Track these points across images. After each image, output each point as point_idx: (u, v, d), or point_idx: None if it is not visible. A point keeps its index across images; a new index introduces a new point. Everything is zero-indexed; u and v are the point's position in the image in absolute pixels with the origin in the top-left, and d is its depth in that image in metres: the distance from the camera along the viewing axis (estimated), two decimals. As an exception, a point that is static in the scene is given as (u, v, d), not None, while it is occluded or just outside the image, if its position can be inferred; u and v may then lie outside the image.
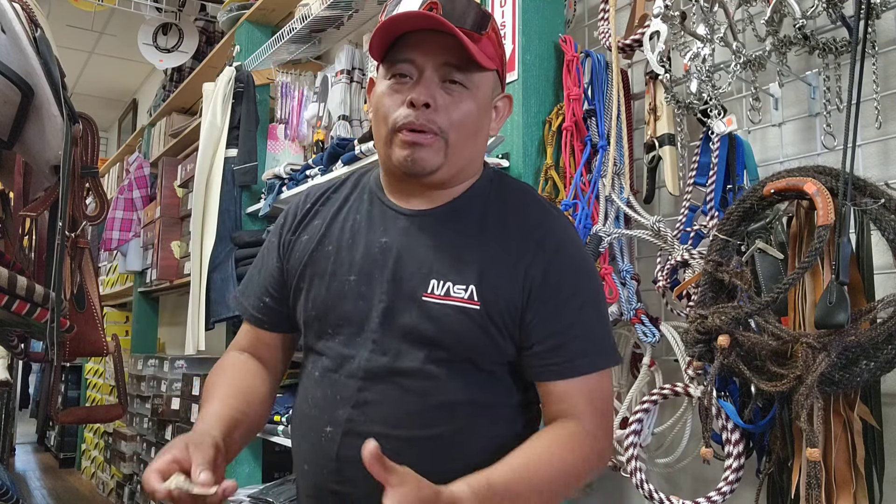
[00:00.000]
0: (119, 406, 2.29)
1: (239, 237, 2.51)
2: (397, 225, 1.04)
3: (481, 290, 0.97)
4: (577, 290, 0.99)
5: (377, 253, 1.03)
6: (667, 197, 1.59)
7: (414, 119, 0.96)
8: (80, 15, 4.72)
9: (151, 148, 4.20)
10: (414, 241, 1.02)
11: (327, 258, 1.06)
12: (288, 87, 2.64)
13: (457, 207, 1.04)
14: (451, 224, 1.02)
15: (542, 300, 0.98)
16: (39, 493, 4.73)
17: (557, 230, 1.02)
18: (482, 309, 0.97)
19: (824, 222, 1.06)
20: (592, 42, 1.80)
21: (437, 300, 0.97)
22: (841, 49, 1.24)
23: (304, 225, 1.12)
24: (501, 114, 1.08)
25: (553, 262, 0.99)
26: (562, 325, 0.98)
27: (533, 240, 1.00)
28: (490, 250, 1.00)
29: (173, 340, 4.39)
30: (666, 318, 1.51)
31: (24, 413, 7.50)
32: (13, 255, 1.61)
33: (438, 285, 0.98)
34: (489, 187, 1.07)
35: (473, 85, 0.99)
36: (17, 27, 1.39)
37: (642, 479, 1.38)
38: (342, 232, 1.07)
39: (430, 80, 0.97)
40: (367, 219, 1.07)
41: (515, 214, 1.03)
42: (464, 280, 0.97)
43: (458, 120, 0.97)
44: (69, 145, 1.47)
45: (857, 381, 1.04)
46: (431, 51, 0.97)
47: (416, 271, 0.99)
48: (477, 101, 0.99)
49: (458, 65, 0.97)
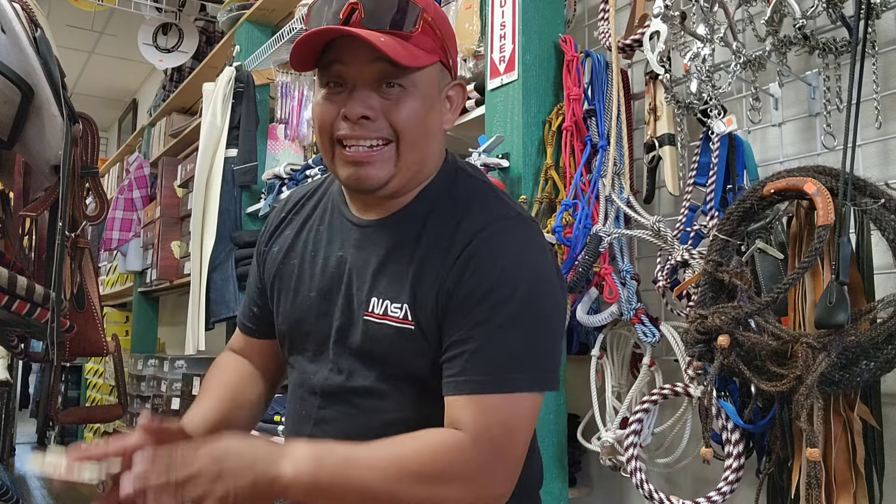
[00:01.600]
0: (119, 406, 2.29)
1: (239, 237, 2.51)
2: (351, 237, 1.00)
3: (415, 309, 0.92)
4: (486, 304, 0.89)
5: (334, 268, 1.00)
6: (667, 197, 1.59)
7: (350, 132, 0.91)
8: (80, 15, 4.72)
9: (151, 148, 4.20)
10: (362, 253, 0.98)
11: (291, 272, 1.05)
12: (288, 87, 2.64)
13: (402, 217, 0.98)
14: (395, 234, 0.97)
15: (450, 311, 0.91)
16: (39, 493, 4.73)
17: (487, 242, 0.92)
18: (416, 329, 0.92)
19: (824, 222, 1.06)
20: (592, 42, 1.80)
21: (376, 319, 0.95)
22: (841, 49, 1.23)
23: (277, 235, 1.10)
24: (455, 104, 1.00)
25: (467, 274, 0.90)
26: (458, 337, 0.90)
27: (457, 248, 0.92)
28: (422, 266, 0.94)
29: (173, 340, 4.39)
30: (666, 318, 1.51)
31: (24, 413, 7.50)
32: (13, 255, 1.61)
33: (378, 303, 0.95)
34: (440, 190, 0.99)
35: (412, 83, 0.91)
36: (17, 27, 1.39)
37: (642, 479, 1.38)
38: (305, 245, 1.05)
39: (363, 88, 0.90)
40: (328, 230, 1.04)
41: (454, 222, 0.95)
42: (399, 299, 0.93)
43: (401, 122, 0.91)
44: (69, 145, 1.47)
45: (857, 381, 1.04)
46: (360, 57, 0.90)
47: (363, 287, 0.97)
48: (420, 99, 0.92)
49: (390, 70, 0.90)
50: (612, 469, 1.50)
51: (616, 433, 1.47)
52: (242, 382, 1.12)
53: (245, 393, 1.11)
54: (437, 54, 0.94)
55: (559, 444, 1.54)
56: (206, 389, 1.10)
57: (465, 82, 1.06)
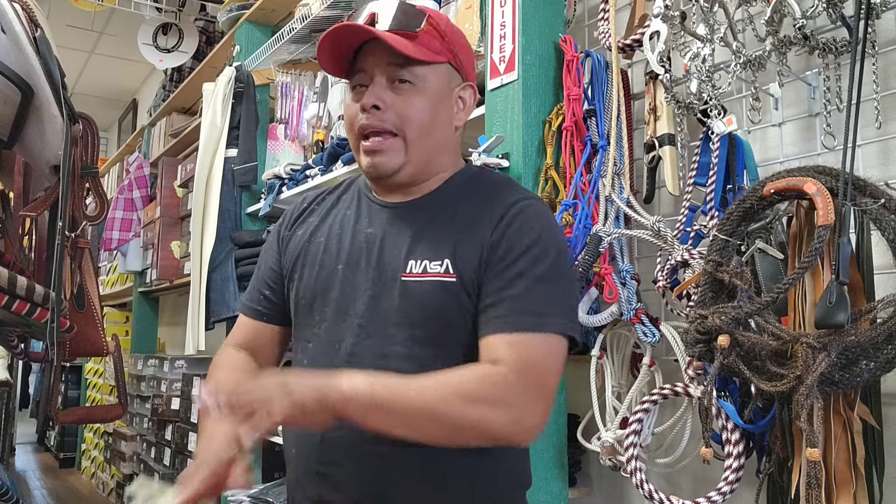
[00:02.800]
0: (119, 406, 2.29)
1: (239, 237, 2.51)
2: (381, 216, 1.10)
3: (456, 263, 1.01)
4: (527, 257, 1.00)
5: (363, 242, 1.08)
6: (667, 197, 1.59)
7: (366, 121, 1.04)
8: (80, 15, 4.72)
9: (151, 148, 4.20)
10: (395, 229, 1.08)
11: (318, 248, 1.12)
12: (288, 87, 2.64)
13: (434, 198, 1.10)
14: (429, 211, 1.08)
15: (492, 263, 1.01)
16: (39, 493, 4.73)
17: (527, 210, 1.05)
18: (458, 281, 1.00)
19: (824, 222, 1.06)
20: (592, 42, 1.80)
21: (415, 278, 1.02)
22: (841, 49, 1.23)
23: (301, 221, 1.19)
24: (467, 104, 1.12)
25: (507, 233, 1.02)
26: (500, 285, 0.99)
27: (497, 216, 1.04)
28: (462, 230, 1.04)
29: (173, 340, 4.39)
30: (666, 318, 1.51)
31: (24, 413, 7.50)
32: (13, 255, 1.61)
33: (416, 264, 1.02)
34: (467, 181, 1.12)
35: (420, 80, 1.05)
36: (17, 27, 1.39)
37: (642, 479, 1.38)
38: (332, 225, 1.14)
39: (378, 83, 1.04)
40: (356, 212, 1.14)
41: (488, 199, 1.07)
42: (439, 257, 1.02)
43: (409, 115, 1.04)
44: (69, 145, 1.47)
45: (857, 381, 1.04)
46: (377, 56, 1.05)
47: (396, 255, 1.05)
48: (427, 95, 1.05)
49: (400, 63, 1.04)
50: (612, 469, 1.50)
51: (616, 433, 1.47)
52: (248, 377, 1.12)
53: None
54: (444, 55, 1.07)
55: (559, 444, 1.54)
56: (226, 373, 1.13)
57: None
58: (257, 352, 1.18)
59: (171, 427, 3.24)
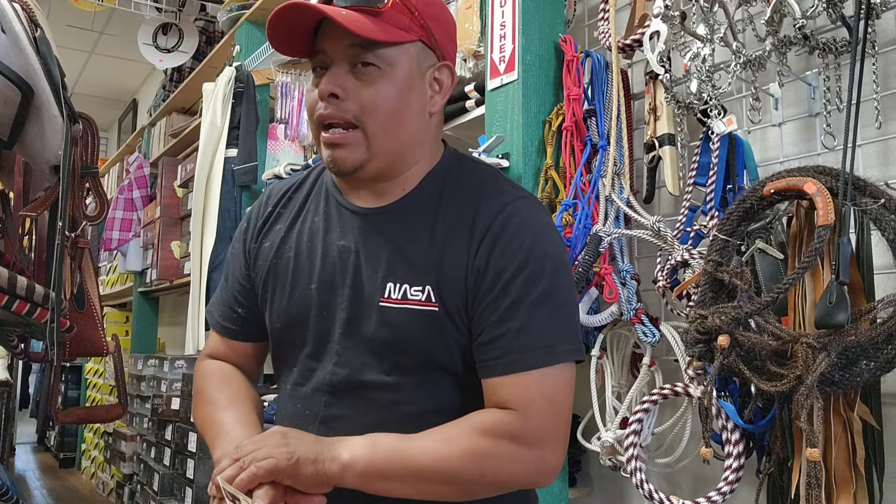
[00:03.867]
0: (119, 406, 2.28)
1: (239, 237, 2.51)
2: (353, 225, 0.99)
3: (439, 290, 0.92)
4: (520, 281, 0.90)
5: (336, 257, 0.98)
6: (667, 197, 1.59)
7: (324, 111, 0.92)
8: (80, 15, 4.72)
9: (151, 148, 4.20)
10: (370, 241, 0.97)
11: (287, 266, 1.02)
12: (288, 87, 2.64)
13: (411, 202, 0.98)
14: (406, 221, 0.97)
15: (482, 292, 0.91)
16: (39, 493, 4.73)
17: (511, 220, 0.93)
18: (441, 310, 0.92)
19: (824, 222, 1.06)
20: (592, 42, 1.80)
21: (394, 304, 0.93)
22: (841, 49, 1.23)
23: (266, 230, 1.08)
24: (444, 85, 0.98)
25: (496, 252, 0.92)
26: (495, 319, 0.90)
27: (482, 228, 0.93)
28: (444, 247, 0.94)
29: (173, 340, 4.39)
30: (666, 318, 1.51)
31: (24, 413, 7.50)
32: (13, 255, 1.61)
33: (395, 288, 0.93)
34: (447, 176, 1.00)
35: (386, 62, 0.91)
36: (17, 27, 1.39)
37: (642, 479, 1.38)
38: (300, 236, 1.03)
39: (337, 67, 0.92)
40: (325, 220, 1.02)
41: (471, 206, 0.95)
42: (419, 281, 0.93)
43: (372, 104, 0.91)
44: (69, 145, 1.47)
45: (857, 381, 1.04)
46: (336, 36, 0.91)
47: (374, 274, 0.95)
48: (394, 80, 0.92)
49: (362, 44, 0.90)
50: (612, 469, 1.50)
51: (616, 433, 1.47)
52: (250, 389, 1.10)
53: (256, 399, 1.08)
54: (414, 33, 0.93)
55: (559, 444, 1.54)
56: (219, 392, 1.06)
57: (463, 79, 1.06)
58: (235, 364, 1.12)
59: (171, 427, 3.24)
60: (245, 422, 1.00)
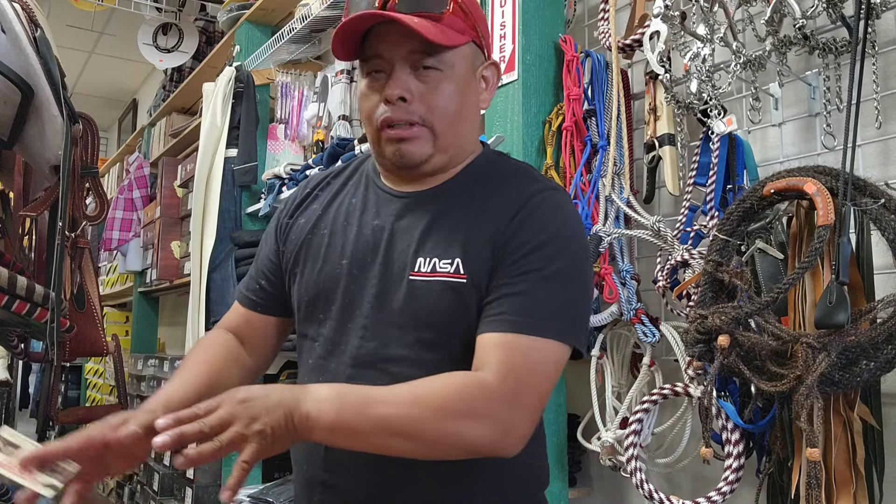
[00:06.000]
0: (119, 406, 2.29)
1: (239, 237, 2.51)
2: (390, 208, 1.03)
3: (467, 262, 0.94)
4: (538, 255, 0.93)
5: (369, 235, 1.02)
6: (667, 197, 1.59)
7: (391, 115, 0.95)
8: (80, 15, 4.72)
9: (151, 148, 4.20)
10: (404, 222, 1.00)
11: (321, 241, 1.05)
12: (288, 87, 2.64)
13: (447, 187, 1.02)
14: (440, 203, 1.00)
15: (502, 259, 0.94)
16: (39, 493, 4.73)
17: (541, 204, 0.97)
18: (468, 281, 0.94)
19: (824, 222, 1.06)
20: (592, 42, 1.80)
21: (423, 277, 0.95)
22: (841, 49, 1.23)
23: (303, 209, 1.12)
24: (491, 83, 1.05)
25: (521, 227, 0.95)
26: (503, 281, 0.93)
27: (513, 209, 0.96)
28: (474, 225, 0.97)
29: (173, 340, 4.38)
30: (666, 318, 1.51)
31: (24, 413, 7.49)
32: (13, 255, 1.61)
33: (425, 262, 0.96)
34: (484, 166, 1.05)
35: (447, 65, 0.96)
36: (17, 27, 1.39)
37: (642, 479, 1.38)
38: (337, 214, 1.07)
39: (400, 71, 0.95)
40: (363, 201, 1.06)
41: (504, 189, 1.00)
42: (448, 254, 0.95)
43: (438, 106, 0.96)
44: (69, 145, 1.47)
45: (857, 381, 1.04)
46: (396, 41, 0.95)
47: (406, 250, 0.98)
48: (455, 81, 0.97)
49: (424, 50, 0.94)
50: (612, 469, 1.50)
51: (616, 433, 1.47)
52: (225, 364, 1.08)
53: (226, 374, 1.06)
54: (468, 34, 0.98)
55: (559, 444, 1.54)
56: (184, 366, 1.05)
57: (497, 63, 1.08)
58: (247, 340, 1.13)
59: (171, 427, 3.24)
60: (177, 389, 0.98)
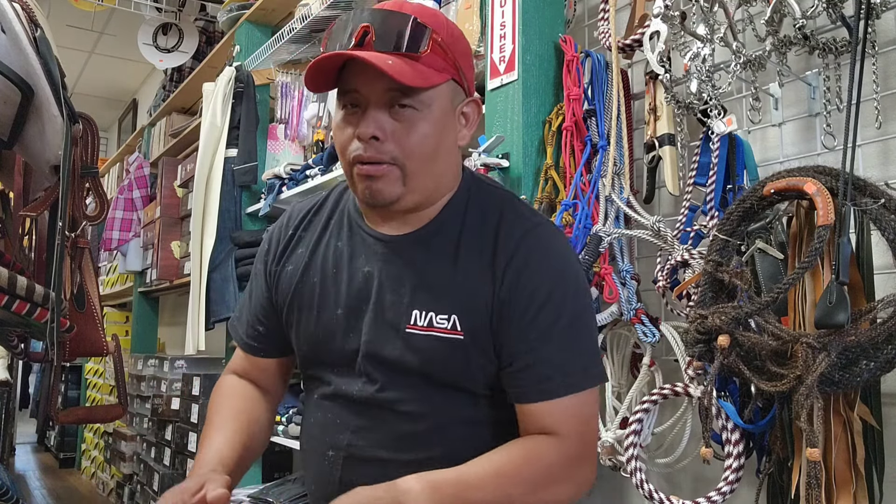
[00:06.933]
0: (119, 406, 2.29)
1: (239, 237, 2.51)
2: (377, 252, 1.02)
3: (463, 319, 0.95)
4: (548, 307, 0.95)
5: (361, 282, 1.01)
6: (667, 197, 1.59)
7: (363, 152, 0.93)
8: (80, 15, 4.72)
9: (151, 148, 4.20)
10: (394, 268, 1.00)
11: (312, 290, 1.05)
12: (288, 87, 2.64)
13: (433, 230, 1.01)
14: (429, 248, 1.00)
15: (509, 320, 0.95)
16: (39, 493, 4.73)
17: (534, 247, 0.97)
18: (466, 339, 0.95)
19: (824, 222, 1.06)
20: (592, 42, 1.80)
21: (420, 331, 0.96)
22: (841, 49, 1.23)
23: (288, 254, 1.10)
24: (471, 119, 1.02)
25: (522, 281, 0.95)
26: (526, 347, 0.94)
27: (506, 260, 0.96)
28: (467, 275, 0.97)
29: (173, 340, 4.39)
30: (666, 318, 1.51)
31: (24, 413, 7.50)
32: (13, 255, 1.61)
33: (421, 316, 0.96)
34: (466, 202, 1.02)
35: (424, 105, 0.94)
36: (17, 27, 1.39)
37: (642, 479, 1.38)
38: (325, 261, 1.06)
39: (374, 110, 0.93)
40: (349, 246, 1.05)
41: (490, 233, 0.99)
42: (445, 310, 0.96)
43: (410, 146, 0.93)
44: (69, 145, 1.47)
45: (857, 381, 1.04)
46: (372, 78, 0.92)
47: (398, 301, 0.98)
48: (431, 121, 0.95)
49: (400, 89, 0.92)
50: (612, 469, 1.50)
51: (616, 433, 1.47)
52: (255, 409, 1.12)
53: (259, 420, 1.11)
54: (447, 72, 0.96)
55: (559, 444, 1.54)
56: (218, 415, 1.09)
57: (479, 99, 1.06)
58: (259, 383, 1.17)
59: (171, 427, 3.24)
60: (225, 444, 1.04)
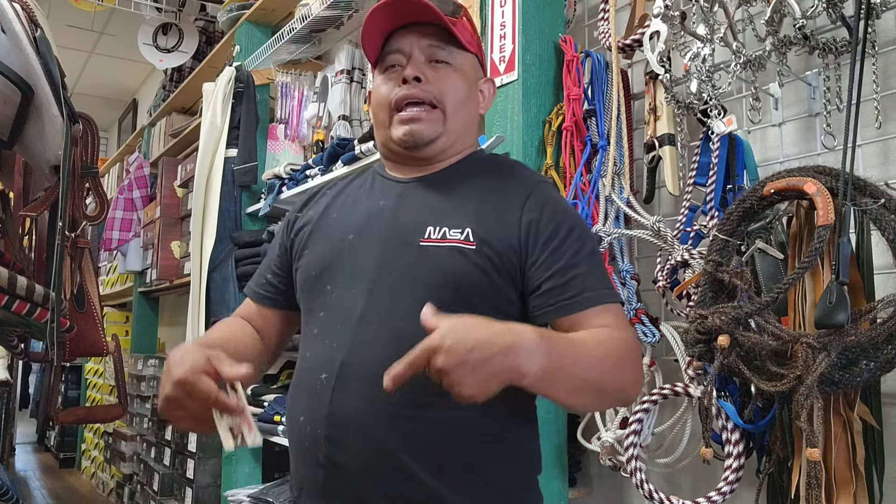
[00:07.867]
0: (119, 406, 2.29)
1: (239, 237, 2.51)
2: (394, 191, 1.12)
3: (477, 231, 1.01)
4: (574, 234, 1.03)
5: (374, 211, 1.10)
6: (667, 197, 1.59)
7: (406, 91, 1.06)
8: (80, 15, 4.72)
9: (151, 148, 4.20)
10: (410, 200, 1.09)
11: (329, 223, 1.14)
12: (288, 87, 2.64)
13: (450, 171, 1.11)
14: (445, 184, 1.09)
15: (542, 241, 1.02)
16: (39, 493, 4.73)
17: (549, 191, 1.09)
18: (478, 248, 1.00)
19: (824, 222, 1.06)
20: (592, 42, 1.80)
21: (433, 243, 1.02)
22: (841, 49, 1.24)
23: (312, 204, 1.21)
24: (487, 96, 1.17)
25: (547, 209, 1.04)
26: (566, 264, 1.01)
27: (526, 191, 1.06)
28: (484, 200, 1.05)
29: (173, 340, 4.38)
30: (666, 318, 1.51)
31: (24, 413, 7.50)
32: (13, 255, 1.61)
33: (435, 230, 1.03)
34: (481, 159, 1.16)
35: (457, 63, 1.09)
36: (17, 27, 1.39)
37: (642, 479, 1.38)
38: (345, 201, 1.16)
39: (417, 59, 1.08)
40: (369, 191, 1.15)
41: (507, 175, 1.11)
42: (459, 224, 1.02)
43: (449, 90, 1.07)
44: (69, 145, 1.47)
45: (857, 381, 1.04)
46: (415, 37, 1.08)
47: (412, 221, 1.05)
48: (463, 77, 1.10)
49: (440, 44, 1.08)
50: (612, 469, 1.50)
51: (616, 433, 1.47)
52: (246, 338, 1.16)
53: (247, 346, 1.14)
54: (473, 47, 1.13)
55: (559, 444, 1.54)
56: (213, 335, 1.14)
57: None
58: (259, 330, 1.19)
59: (171, 427, 3.24)
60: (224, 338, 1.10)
